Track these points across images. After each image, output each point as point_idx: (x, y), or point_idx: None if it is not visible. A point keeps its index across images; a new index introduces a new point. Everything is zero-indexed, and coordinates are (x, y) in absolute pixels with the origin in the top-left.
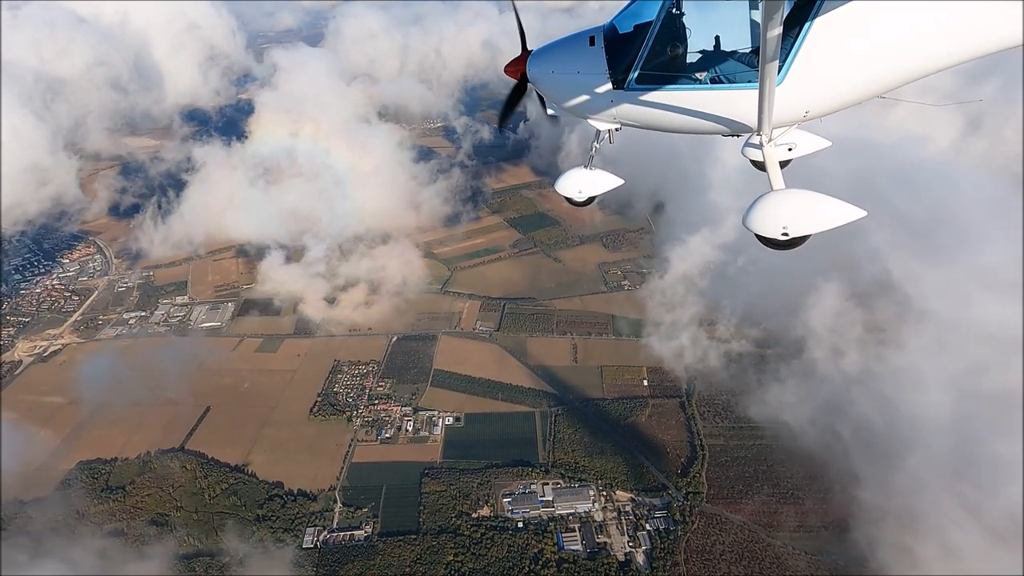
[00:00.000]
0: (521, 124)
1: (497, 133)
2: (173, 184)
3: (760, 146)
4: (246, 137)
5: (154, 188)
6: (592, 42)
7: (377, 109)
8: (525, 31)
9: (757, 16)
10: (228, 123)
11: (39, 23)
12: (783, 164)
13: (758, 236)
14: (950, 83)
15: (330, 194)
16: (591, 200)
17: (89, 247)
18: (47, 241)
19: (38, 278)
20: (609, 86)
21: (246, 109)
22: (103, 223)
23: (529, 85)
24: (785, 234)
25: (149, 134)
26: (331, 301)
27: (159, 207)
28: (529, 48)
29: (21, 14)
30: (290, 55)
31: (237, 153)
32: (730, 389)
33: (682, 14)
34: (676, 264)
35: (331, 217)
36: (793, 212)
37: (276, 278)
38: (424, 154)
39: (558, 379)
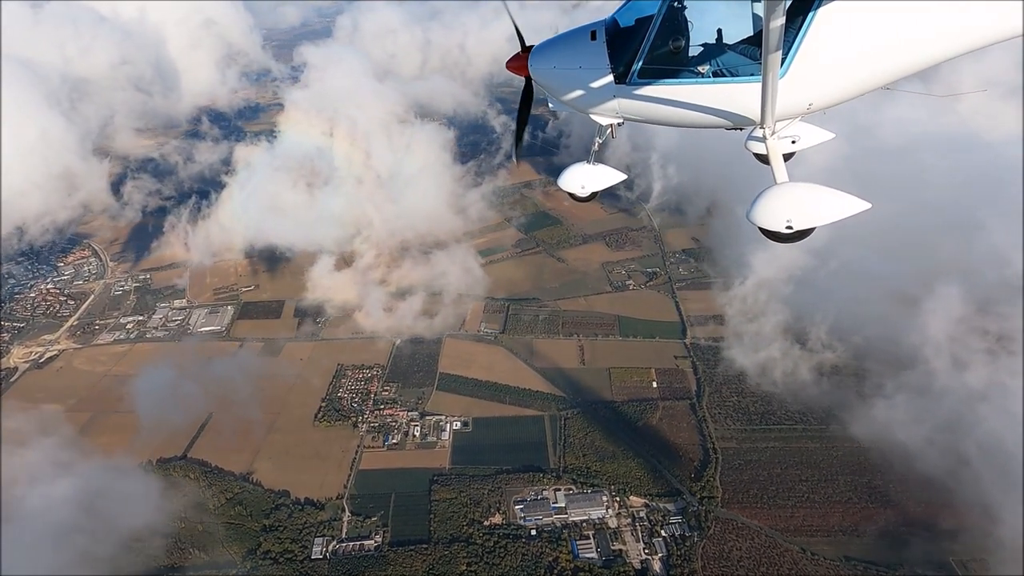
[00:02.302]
0: (550, 122)
1: (499, 132)
2: (175, 185)
3: (763, 139)
4: (248, 136)
5: (154, 189)
6: (594, 36)
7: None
8: (520, 28)
9: (759, 9)
10: (240, 121)
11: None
12: (787, 157)
13: (762, 230)
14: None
15: (333, 196)
16: (594, 195)
17: (84, 250)
18: (40, 243)
19: (32, 282)
20: (611, 80)
21: (261, 108)
22: (98, 225)
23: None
24: (789, 227)
25: (151, 134)
26: (340, 305)
27: (166, 209)
28: (529, 44)
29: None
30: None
31: (238, 153)
32: (822, 404)
33: (683, 7)
34: (737, 269)
35: (331, 220)
36: (797, 205)
37: (275, 281)
38: None
39: (566, 381)
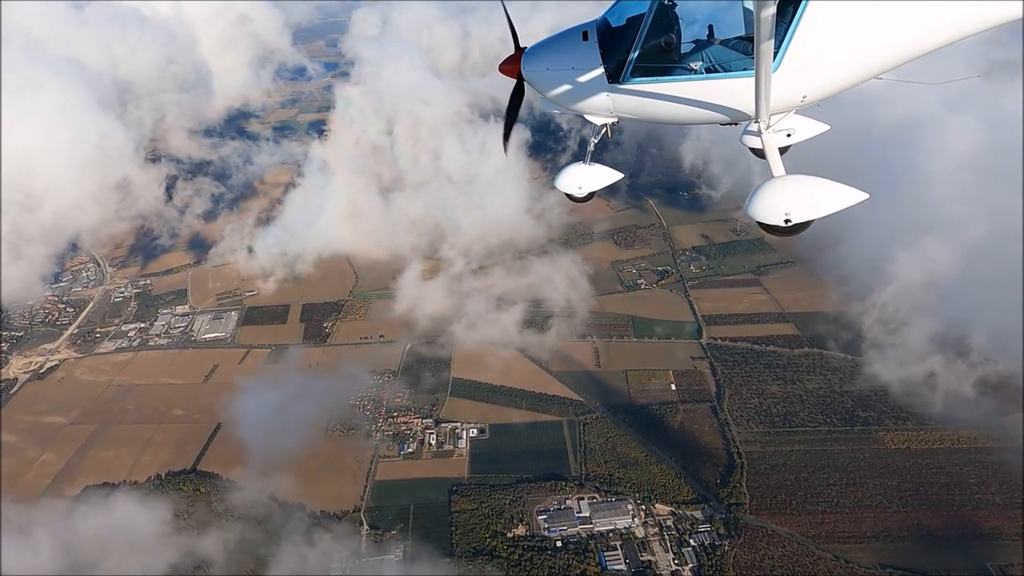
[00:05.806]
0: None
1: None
2: (174, 189)
3: (759, 133)
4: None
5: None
6: (585, 37)
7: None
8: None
9: (749, 3)
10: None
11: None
12: (782, 150)
13: (760, 224)
14: None
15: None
16: (591, 196)
17: (82, 256)
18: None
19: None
20: (604, 80)
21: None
22: (94, 229)
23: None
24: (787, 220)
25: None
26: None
27: (164, 212)
28: (522, 46)
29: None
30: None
31: (237, 155)
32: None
33: (674, 4)
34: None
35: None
36: (795, 198)
37: (279, 285)
38: None
39: (582, 385)
